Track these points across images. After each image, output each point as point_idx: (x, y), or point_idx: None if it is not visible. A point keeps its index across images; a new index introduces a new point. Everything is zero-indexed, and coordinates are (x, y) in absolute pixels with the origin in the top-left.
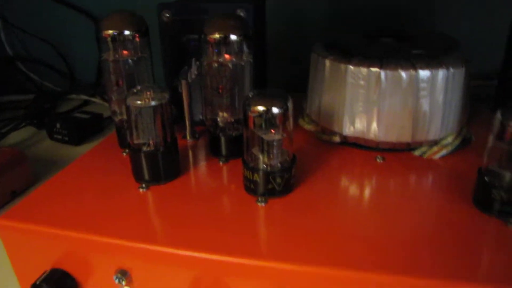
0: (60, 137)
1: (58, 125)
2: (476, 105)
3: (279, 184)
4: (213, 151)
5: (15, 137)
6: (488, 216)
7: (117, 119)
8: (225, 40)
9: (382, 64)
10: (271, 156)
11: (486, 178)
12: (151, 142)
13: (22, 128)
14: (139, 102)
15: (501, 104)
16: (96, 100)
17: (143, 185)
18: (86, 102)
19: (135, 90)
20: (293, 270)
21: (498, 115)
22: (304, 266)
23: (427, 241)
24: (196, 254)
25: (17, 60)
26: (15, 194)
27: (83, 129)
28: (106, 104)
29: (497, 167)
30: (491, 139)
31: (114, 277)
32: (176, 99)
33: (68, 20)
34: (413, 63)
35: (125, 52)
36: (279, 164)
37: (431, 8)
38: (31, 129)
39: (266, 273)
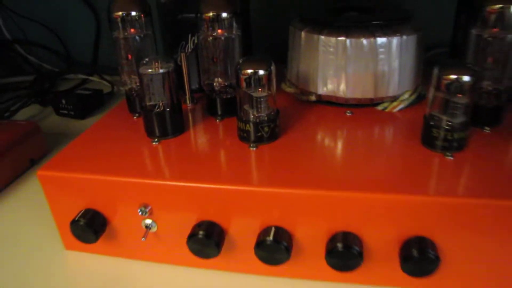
0: (66, 112)
1: (63, 101)
2: (431, 69)
3: (267, 132)
4: (210, 111)
5: (23, 114)
6: (432, 151)
7: (127, 88)
8: (218, 17)
9: (347, 33)
10: (259, 110)
11: (430, 122)
12: (161, 104)
13: (28, 106)
14: (150, 70)
15: None
16: (94, 78)
17: (155, 140)
18: (84, 81)
19: (145, 61)
20: (281, 193)
21: (436, 70)
22: (290, 189)
23: (387, 170)
24: (202, 185)
25: (15, 43)
26: (33, 162)
27: (87, 104)
28: (104, 82)
29: (437, 112)
30: (431, 90)
31: (139, 210)
32: (175, 71)
33: (63, 3)
34: (373, 32)
35: (132, 30)
36: (265, 117)
37: None
38: (36, 107)
39: (259, 198)
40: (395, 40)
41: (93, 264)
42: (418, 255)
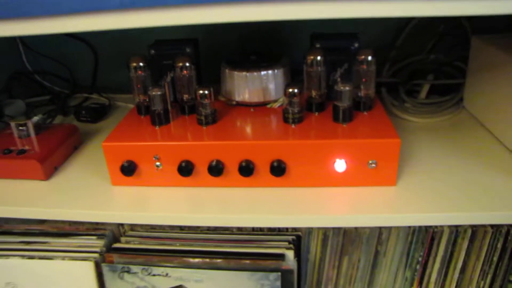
0: (85, 118)
1: (83, 112)
2: None
3: (209, 119)
4: (182, 112)
5: (56, 121)
6: (285, 123)
7: (137, 101)
8: (183, 65)
9: (248, 70)
10: (206, 109)
11: (286, 111)
12: (159, 108)
13: (55, 116)
14: (153, 93)
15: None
16: (94, 96)
17: (157, 125)
18: (86, 98)
19: (150, 88)
20: (227, 144)
21: (285, 87)
22: (226, 141)
23: (269, 132)
24: (182, 143)
25: (34, 73)
26: (75, 148)
27: (98, 113)
28: (102, 99)
29: (288, 106)
30: (284, 97)
31: (154, 157)
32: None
33: (70, 43)
34: (260, 68)
35: (140, 72)
36: (210, 112)
37: (285, 34)
38: (60, 117)
39: (218, 148)
40: (270, 71)
41: (127, 189)
42: (277, 166)
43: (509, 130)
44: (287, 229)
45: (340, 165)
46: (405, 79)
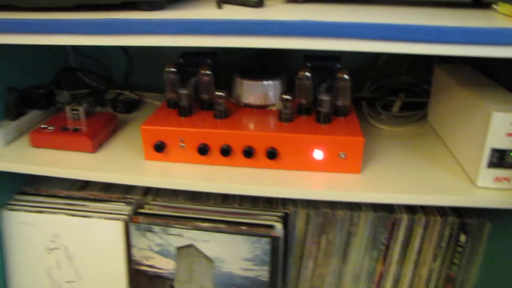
0: (120, 109)
1: (120, 104)
2: None
3: (222, 113)
4: (200, 108)
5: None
6: (280, 122)
7: (168, 98)
8: (205, 73)
9: (254, 79)
10: (220, 108)
11: (281, 112)
12: (185, 102)
13: (95, 107)
14: (182, 92)
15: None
16: (126, 93)
17: (182, 116)
18: (119, 94)
19: (180, 88)
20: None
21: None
22: (239, 131)
23: (267, 125)
24: (199, 130)
25: (77, 70)
26: (114, 131)
27: (131, 105)
28: (133, 95)
29: (282, 109)
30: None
31: (179, 140)
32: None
33: (109, 46)
34: (263, 79)
35: (172, 75)
36: (223, 109)
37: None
38: (99, 108)
39: (223, 136)
40: (271, 82)
41: (157, 163)
42: (271, 151)
43: (455, 141)
44: (277, 207)
45: (318, 155)
46: (382, 95)
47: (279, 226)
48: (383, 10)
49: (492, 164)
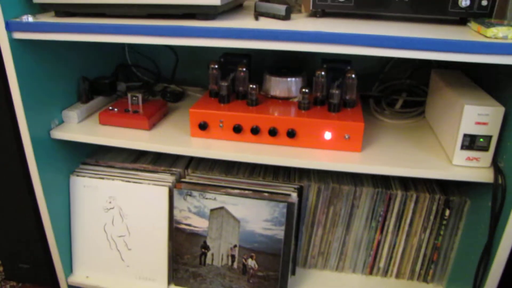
0: (168, 99)
1: (168, 94)
2: None
3: (254, 100)
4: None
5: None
6: (299, 110)
7: (211, 88)
8: (241, 70)
9: (280, 76)
10: (252, 97)
11: (299, 103)
12: (225, 90)
13: (148, 96)
14: (223, 84)
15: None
16: (172, 86)
17: (222, 102)
18: (166, 87)
19: (222, 81)
20: (263, 116)
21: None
22: (262, 114)
23: (289, 110)
24: (234, 113)
25: (132, 66)
26: (164, 115)
27: (178, 96)
28: (178, 88)
29: (301, 100)
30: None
31: (219, 120)
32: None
33: (159, 46)
34: (287, 76)
35: (214, 71)
36: (255, 97)
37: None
38: (151, 97)
39: (254, 118)
40: (294, 79)
41: (201, 140)
42: (291, 132)
43: (441, 130)
44: (294, 181)
45: (328, 135)
46: (387, 94)
47: (294, 195)
48: (385, 24)
49: (464, 147)
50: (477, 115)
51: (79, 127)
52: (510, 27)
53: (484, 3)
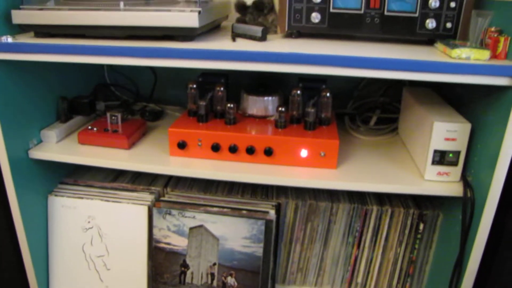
0: (147, 118)
1: (147, 113)
2: None
3: (231, 120)
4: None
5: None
6: (276, 128)
7: (190, 108)
8: (219, 89)
9: (257, 95)
10: (230, 115)
11: (276, 121)
12: (203, 109)
13: (128, 115)
14: (201, 103)
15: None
16: (151, 105)
17: (200, 122)
18: (145, 106)
19: (200, 101)
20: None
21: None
22: (243, 133)
23: (265, 130)
24: (212, 132)
25: (110, 85)
26: (143, 135)
27: (156, 115)
28: (157, 107)
29: (277, 118)
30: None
31: (197, 139)
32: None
33: (138, 67)
34: (264, 95)
35: (193, 90)
36: (232, 117)
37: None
38: (129, 116)
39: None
40: (270, 98)
41: (180, 158)
42: (268, 150)
43: (413, 147)
44: (272, 198)
45: (304, 153)
46: (361, 111)
47: (272, 212)
48: (358, 45)
49: (435, 162)
50: (446, 131)
51: (58, 147)
52: (472, 49)
53: (449, 25)
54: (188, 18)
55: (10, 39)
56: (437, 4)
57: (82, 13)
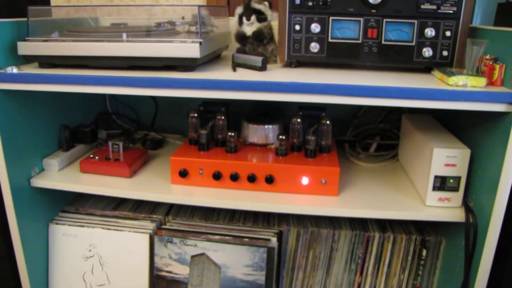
0: (148, 146)
1: (148, 142)
2: None
3: (232, 148)
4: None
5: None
6: (277, 156)
7: (191, 137)
8: (220, 118)
9: (258, 124)
10: (231, 144)
11: (277, 150)
12: (204, 138)
13: (129, 144)
14: (202, 132)
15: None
16: (152, 133)
17: (201, 150)
18: (146, 134)
19: (202, 130)
20: (247, 163)
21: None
22: (245, 161)
23: (266, 157)
24: (214, 161)
25: (112, 114)
26: (145, 163)
27: (158, 143)
28: (159, 136)
29: (278, 146)
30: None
31: (199, 168)
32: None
33: (140, 96)
34: (265, 123)
35: (193, 119)
36: (232, 145)
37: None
38: (131, 145)
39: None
40: (271, 126)
41: (181, 186)
42: (269, 178)
43: (413, 173)
44: (274, 225)
45: (305, 181)
46: (361, 138)
47: (274, 240)
48: (356, 73)
49: (436, 188)
50: (446, 157)
51: (60, 175)
52: (469, 76)
53: (445, 53)
54: (190, 49)
55: (15, 70)
56: (433, 33)
57: (86, 44)
